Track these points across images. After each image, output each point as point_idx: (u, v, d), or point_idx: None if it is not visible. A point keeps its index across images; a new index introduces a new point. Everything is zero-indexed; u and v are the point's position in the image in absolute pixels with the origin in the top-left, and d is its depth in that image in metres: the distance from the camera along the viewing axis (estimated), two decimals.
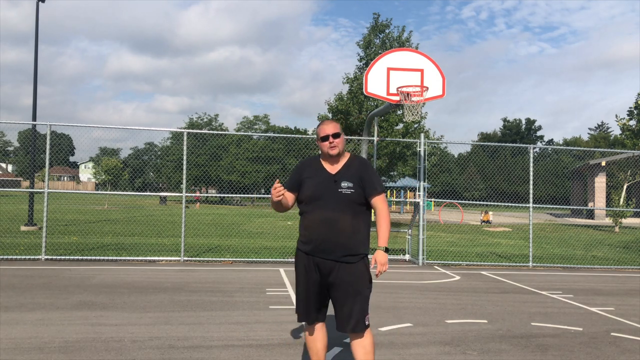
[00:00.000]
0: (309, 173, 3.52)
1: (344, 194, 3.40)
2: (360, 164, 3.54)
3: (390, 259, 11.48)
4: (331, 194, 3.40)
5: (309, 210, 3.45)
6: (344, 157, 3.58)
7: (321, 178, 3.47)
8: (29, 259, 9.77)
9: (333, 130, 3.49)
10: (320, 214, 3.39)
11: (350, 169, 3.51)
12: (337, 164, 3.53)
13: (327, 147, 3.49)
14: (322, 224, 3.38)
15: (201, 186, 53.22)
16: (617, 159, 33.31)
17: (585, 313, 6.59)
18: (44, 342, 4.65)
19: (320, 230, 3.39)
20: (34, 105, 16.19)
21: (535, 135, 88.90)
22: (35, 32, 16.58)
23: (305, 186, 3.49)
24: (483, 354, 4.70)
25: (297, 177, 3.55)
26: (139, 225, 19.26)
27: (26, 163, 53.05)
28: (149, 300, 6.48)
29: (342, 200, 3.39)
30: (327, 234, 3.37)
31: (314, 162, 3.59)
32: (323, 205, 3.40)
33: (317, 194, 3.43)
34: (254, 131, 59.51)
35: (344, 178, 3.44)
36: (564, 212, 43.97)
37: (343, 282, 3.38)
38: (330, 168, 3.52)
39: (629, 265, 11.76)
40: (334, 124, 3.55)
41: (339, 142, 3.49)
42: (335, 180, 3.44)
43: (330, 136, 3.48)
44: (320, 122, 3.57)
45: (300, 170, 3.57)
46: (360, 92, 20.84)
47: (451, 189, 52.44)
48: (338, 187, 3.41)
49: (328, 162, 3.55)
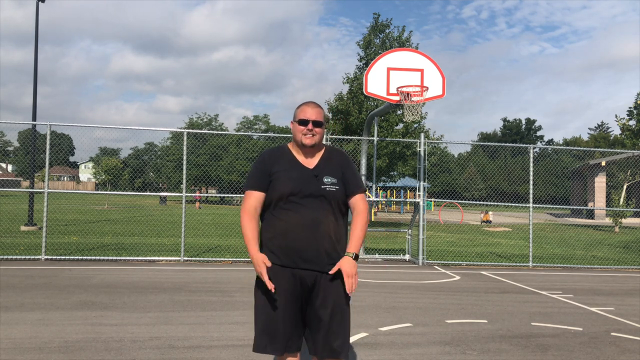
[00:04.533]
0: (280, 166, 2.89)
1: (328, 191, 2.84)
2: (341, 157, 2.99)
3: (390, 259, 11.49)
4: (314, 192, 2.83)
5: (283, 212, 2.83)
6: (321, 150, 2.99)
7: (298, 173, 2.87)
8: (29, 259, 9.77)
9: (315, 116, 2.89)
10: (300, 216, 2.80)
11: (330, 162, 2.94)
12: (313, 158, 2.95)
13: (301, 133, 2.88)
14: (304, 227, 2.79)
15: (201, 186, 53.20)
16: (617, 159, 33.31)
17: (585, 313, 6.59)
18: (44, 342, 4.65)
19: (300, 234, 2.79)
20: (34, 105, 16.22)
21: (535, 135, 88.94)
22: (35, 32, 16.58)
23: (279, 182, 2.85)
24: (483, 354, 4.70)
25: (265, 171, 2.90)
26: (139, 225, 19.26)
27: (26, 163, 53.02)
28: (149, 300, 6.48)
29: (325, 199, 2.83)
30: (310, 240, 2.79)
31: (283, 154, 2.96)
32: (302, 204, 2.81)
33: (294, 191, 2.82)
34: (254, 131, 59.53)
35: (325, 173, 2.88)
36: (564, 212, 43.97)
37: (327, 296, 2.82)
38: (305, 161, 2.93)
39: (629, 265, 11.76)
40: (318, 109, 2.93)
41: (318, 132, 2.89)
42: (315, 175, 2.87)
43: (311, 122, 2.87)
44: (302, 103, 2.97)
45: (267, 162, 2.92)
46: (360, 92, 20.84)
47: (451, 189, 52.44)
48: (320, 183, 2.85)
49: (301, 153, 2.95)
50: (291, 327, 2.83)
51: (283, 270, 2.82)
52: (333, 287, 2.83)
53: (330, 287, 2.83)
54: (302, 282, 2.82)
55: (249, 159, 45.28)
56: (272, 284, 2.76)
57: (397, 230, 14.49)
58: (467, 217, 33.45)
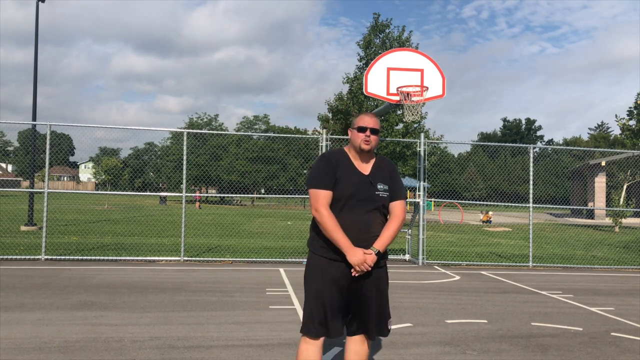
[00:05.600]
0: (343, 170, 3.18)
1: (381, 196, 3.18)
2: (390, 166, 3.33)
3: (390, 259, 11.49)
4: (368, 196, 3.15)
5: (339, 212, 3.13)
6: (372, 157, 3.31)
7: (357, 178, 3.17)
8: (29, 259, 9.77)
9: (373, 124, 3.23)
10: (355, 217, 3.11)
11: (381, 170, 3.27)
12: (367, 164, 3.27)
13: (360, 139, 3.20)
14: (357, 227, 3.11)
15: (201, 186, 53.21)
16: (617, 159, 33.32)
17: (585, 313, 6.59)
18: (44, 342, 4.65)
19: (353, 234, 3.09)
20: (34, 105, 16.23)
21: (535, 135, 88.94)
22: (35, 32, 16.58)
23: (341, 184, 3.14)
24: (483, 354, 4.70)
25: (332, 172, 3.16)
26: (139, 225, 19.26)
27: (26, 163, 53.03)
28: (149, 300, 6.48)
29: (377, 203, 3.17)
30: (361, 239, 3.11)
31: (343, 158, 3.25)
32: (357, 207, 3.12)
33: (353, 194, 3.12)
34: (253, 131, 59.52)
35: (378, 180, 3.21)
36: (564, 212, 43.97)
37: (372, 286, 3.19)
38: (361, 167, 3.24)
39: (629, 265, 11.76)
40: (375, 119, 3.29)
41: (374, 139, 3.22)
42: (371, 181, 3.19)
43: (369, 129, 3.20)
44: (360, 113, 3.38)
45: (333, 165, 3.19)
46: (360, 92, 20.86)
47: (451, 189, 52.42)
48: (375, 189, 3.17)
49: (358, 159, 3.26)
50: (335, 315, 3.16)
51: (332, 263, 3.14)
52: (377, 277, 3.20)
53: (376, 278, 3.20)
54: (348, 275, 3.12)
55: (248, 159, 45.27)
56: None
57: None
58: (467, 217, 33.44)
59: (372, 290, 3.20)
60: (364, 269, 3.07)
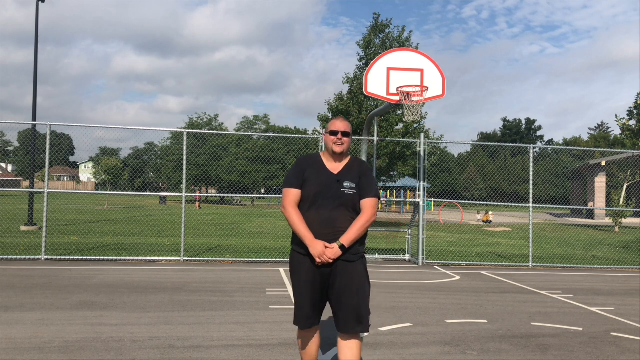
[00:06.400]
0: (312, 171, 3.44)
1: (346, 193, 3.37)
2: (361, 166, 3.53)
3: (390, 259, 11.49)
4: (333, 194, 3.36)
5: (308, 210, 3.38)
6: (346, 159, 3.54)
7: (324, 177, 3.41)
8: (29, 259, 9.77)
9: (344, 127, 3.47)
10: (320, 214, 3.34)
11: (351, 169, 3.48)
12: (339, 164, 3.50)
13: (332, 142, 3.45)
14: (322, 223, 3.33)
15: (201, 186, 53.20)
16: (617, 159, 33.31)
17: (585, 313, 6.59)
18: (44, 342, 4.65)
19: (319, 229, 3.33)
20: (34, 105, 16.24)
21: (535, 135, 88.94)
22: (35, 32, 16.59)
23: (308, 184, 3.40)
24: (483, 354, 4.70)
25: (301, 173, 3.44)
26: (139, 225, 19.26)
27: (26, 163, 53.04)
28: (149, 300, 6.48)
29: (343, 200, 3.36)
30: (328, 235, 3.32)
31: (315, 160, 3.53)
32: (323, 204, 3.35)
33: (319, 192, 3.36)
34: (253, 131, 59.52)
35: (346, 178, 3.42)
36: (564, 212, 43.97)
37: (344, 281, 3.34)
38: (332, 167, 3.48)
39: (629, 265, 11.76)
40: (346, 123, 3.53)
41: (346, 141, 3.46)
42: (338, 180, 3.40)
43: (340, 132, 3.45)
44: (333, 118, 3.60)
45: (302, 166, 3.48)
46: (360, 92, 20.85)
47: (451, 189, 52.43)
48: (340, 186, 3.38)
49: (331, 160, 3.51)
50: (317, 307, 3.42)
51: (304, 258, 3.39)
52: (349, 272, 3.36)
53: (346, 272, 3.36)
54: (321, 269, 3.36)
55: (248, 159, 45.28)
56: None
57: (397, 230, 14.48)
58: (467, 217, 33.45)
59: (346, 284, 3.34)
60: (324, 260, 3.27)
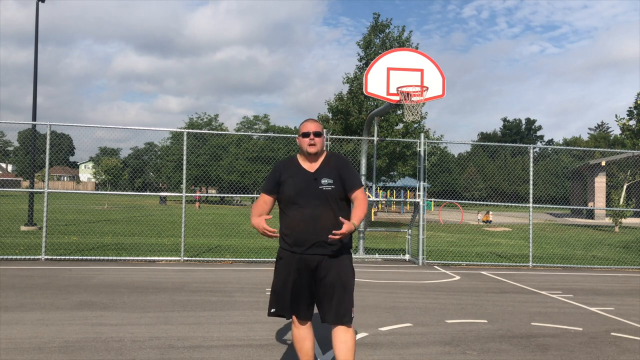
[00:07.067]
0: (288, 173, 3.56)
1: (325, 190, 3.45)
2: (338, 160, 3.60)
3: (390, 259, 11.49)
4: (312, 192, 3.45)
5: (291, 209, 3.49)
6: (322, 156, 3.62)
7: (301, 177, 3.51)
8: (29, 259, 9.77)
9: (315, 128, 3.56)
10: (303, 212, 3.43)
11: (328, 165, 3.56)
12: (315, 163, 3.57)
13: (306, 144, 3.53)
14: (305, 221, 3.43)
15: (201, 186, 53.19)
16: (617, 159, 33.31)
17: (585, 313, 6.59)
18: (44, 342, 4.65)
19: (303, 227, 3.43)
20: (34, 105, 16.25)
21: (535, 135, 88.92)
22: (35, 32, 16.59)
23: (285, 186, 3.52)
24: (483, 354, 4.70)
25: (275, 179, 3.59)
26: (139, 225, 19.26)
27: (26, 163, 53.03)
28: (149, 300, 6.48)
29: (323, 197, 3.45)
30: (311, 231, 3.42)
31: (292, 163, 3.63)
32: (305, 203, 3.44)
33: (298, 192, 3.46)
34: (253, 131, 59.51)
35: (323, 175, 3.50)
36: (564, 212, 43.97)
37: (329, 275, 3.46)
38: (308, 166, 3.56)
39: (629, 265, 11.76)
40: (316, 123, 3.63)
41: (318, 141, 3.54)
42: (315, 178, 3.49)
43: (312, 133, 3.53)
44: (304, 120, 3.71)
45: (278, 171, 3.61)
46: (360, 92, 20.84)
47: (451, 189, 52.41)
48: (318, 184, 3.47)
49: (307, 160, 3.59)
50: (298, 299, 3.52)
51: (292, 255, 3.50)
52: (334, 266, 3.48)
53: (332, 267, 3.48)
54: (308, 264, 3.48)
55: (249, 159, 45.28)
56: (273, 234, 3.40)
57: (397, 230, 14.49)
58: (467, 217, 33.45)
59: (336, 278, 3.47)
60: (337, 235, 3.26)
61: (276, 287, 3.57)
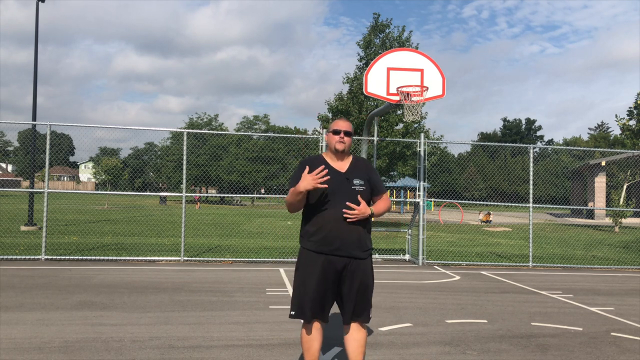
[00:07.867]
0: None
1: (357, 190, 3.47)
2: (366, 164, 3.66)
3: (390, 259, 11.49)
4: (344, 191, 3.45)
5: (321, 208, 3.46)
6: (349, 157, 3.64)
7: (332, 175, 3.46)
8: (29, 259, 9.77)
9: (346, 127, 3.58)
10: (334, 212, 3.42)
11: (358, 167, 3.59)
12: (343, 163, 3.59)
13: (335, 141, 3.55)
14: (337, 221, 3.42)
15: (201, 186, 53.20)
16: (617, 159, 33.31)
17: (585, 313, 6.59)
18: (44, 342, 4.65)
19: (334, 227, 3.42)
20: (34, 105, 16.25)
21: (535, 135, 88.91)
22: (35, 32, 16.59)
23: None
24: (483, 354, 4.70)
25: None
26: (139, 225, 19.26)
27: (26, 163, 53.02)
28: (149, 300, 6.48)
29: (355, 197, 3.45)
30: (342, 231, 3.42)
31: (319, 161, 3.60)
32: (336, 202, 3.42)
33: (332, 191, 3.44)
34: (253, 131, 59.52)
35: (355, 175, 3.52)
36: (563, 212, 43.96)
37: (355, 277, 3.47)
38: (337, 166, 3.56)
39: (629, 265, 11.76)
40: (348, 123, 3.66)
41: (347, 140, 3.57)
42: (347, 177, 3.50)
43: (343, 132, 3.55)
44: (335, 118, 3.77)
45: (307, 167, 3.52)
46: (360, 92, 20.84)
47: (451, 189, 52.43)
48: (351, 184, 3.48)
49: (334, 159, 3.59)
50: (322, 302, 3.48)
51: (318, 256, 3.46)
52: (360, 269, 3.50)
53: (358, 269, 3.49)
54: (334, 266, 3.45)
55: (249, 159, 45.29)
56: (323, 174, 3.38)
57: (397, 230, 14.49)
58: (467, 217, 33.44)
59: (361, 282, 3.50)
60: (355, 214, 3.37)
61: (299, 290, 3.53)
